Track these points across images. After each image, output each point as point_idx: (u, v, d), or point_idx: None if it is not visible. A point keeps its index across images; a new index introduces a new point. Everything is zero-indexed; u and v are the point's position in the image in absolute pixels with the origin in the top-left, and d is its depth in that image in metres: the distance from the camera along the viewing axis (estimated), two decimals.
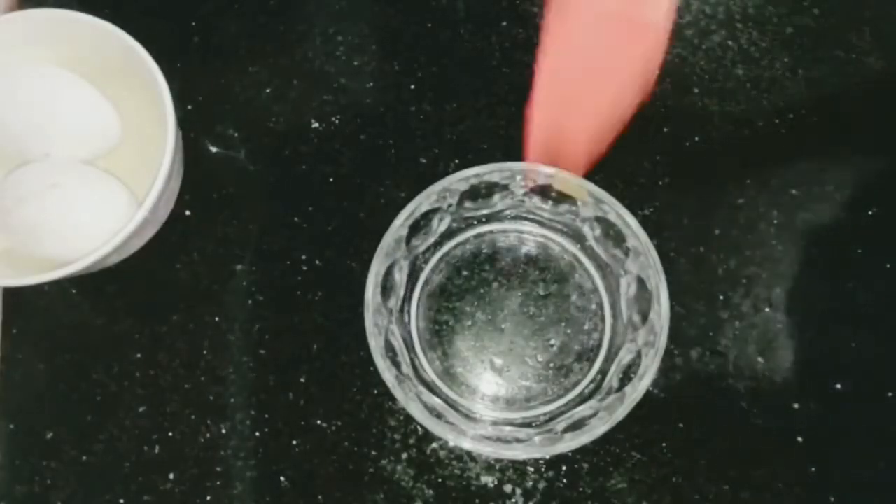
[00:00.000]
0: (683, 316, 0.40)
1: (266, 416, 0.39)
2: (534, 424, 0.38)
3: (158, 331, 0.40)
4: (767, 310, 0.40)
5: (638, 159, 0.41)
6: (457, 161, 0.41)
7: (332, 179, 0.42)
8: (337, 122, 0.42)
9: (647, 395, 0.35)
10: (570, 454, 0.38)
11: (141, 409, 0.39)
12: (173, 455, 0.39)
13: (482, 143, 0.42)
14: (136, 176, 0.39)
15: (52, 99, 0.38)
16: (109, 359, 0.40)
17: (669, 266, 0.36)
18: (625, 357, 0.38)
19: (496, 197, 0.39)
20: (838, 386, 0.39)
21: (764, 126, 0.42)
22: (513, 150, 0.38)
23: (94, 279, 0.38)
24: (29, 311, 0.41)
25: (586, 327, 0.39)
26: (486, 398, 0.39)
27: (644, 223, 0.36)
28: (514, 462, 0.39)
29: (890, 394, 0.40)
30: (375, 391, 0.39)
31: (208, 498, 0.39)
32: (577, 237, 0.40)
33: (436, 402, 0.38)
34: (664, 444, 0.39)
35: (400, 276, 0.39)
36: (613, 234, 0.38)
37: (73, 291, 0.41)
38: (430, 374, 0.39)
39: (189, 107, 0.42)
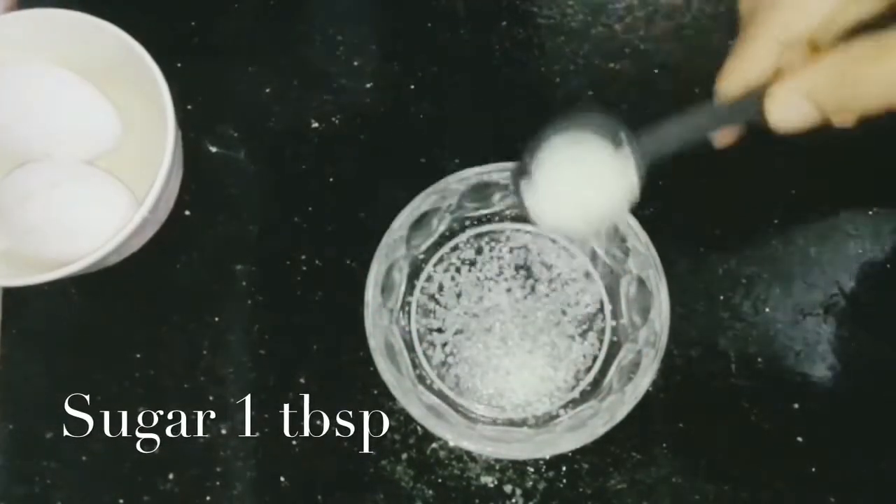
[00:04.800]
0: (683, 316, 0.40)
1: (266, 416, 0.39)
2: (534, 424, 0.38)
3: (158, 331, 0.40)
4: (767, 310, 0.40)
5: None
6: (457, 161, 0.41)
7: (332, 179, 0.42)
8: (337, 122, 0.42)
9: (647, 395, 0.35)
10: (570, 454, 0.38)
11: (141, 410, 0.39)
12: (173, 455, 0.39)
13: (482, 143, 0.42)
14: (136, 176, 0.39)
15: (52, 99, 0.38)
16: (109, 359, 0.40)
17: (669, 266, 0.36)
18: (625, 357, 0.38)
19: (496, 197, 0.39)
20: (838, 386, 0.39)
21: (763, 126, 0.42)
22: (513, 150, 0.38)
23: (94, 279, 0.38)
24: (29, 311, 0.41)
25: (586, 328, 0.39)
26: (485, 398, 0.39)
27: (644, 223, 0.37)
28: (514, 462, 0.39)
29: (890, 394, 0.40)
30: (375, 391, 0.39)
31: (208, 498, 0.39)
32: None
33: (436, 402, 0.38)
34: (664, 444, 0.39)
35: (400, 276, 0.39)
36: (613, 234, 0.38)
37: (73, 291, 0.41)
38: (430, 375, 0.39)
39: (189, 107, 0.42)
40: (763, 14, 0.29)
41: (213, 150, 0.42)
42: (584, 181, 0.30)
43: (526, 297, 0.40)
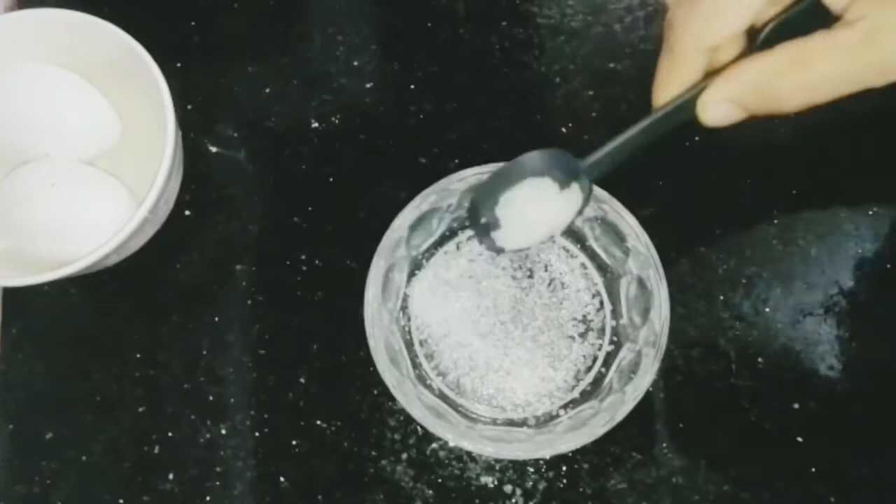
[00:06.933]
0: (683, 316, 0.40)
1: (266, 416, 0.39)
2: (534, 424, 0.38)
3: (158, 331, 0.40)
4: (767, 310, 0.40)
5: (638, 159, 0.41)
6: (457, 161, 0.41)
7: (332, 179, 0.42)
8: (337, 122, 0.42)
9: (647, 395, 0.35)
10: (570, 454, 0.38)
11: (141, 409, 0.39)
12: (173, 455, 0.39)
13: (482, 143, 0.42)
14: (136, 176, 0.39)
15: (52, 99, 0.38)
16: (109, 359, 0.40)
17: (669, 266, 0.36)
18: (625, 357, 0.38)
19: None
20: (838, 386, 0.39)
21: (763, 126, 0.42)
22: (513, 150, 0.38)
23: (94, 279, 0.38)
24: (29, 311, 0.41)
25: (586, 327, 0.39)
26: (485, 398, 0.39)
27: (644, 223, 0.37)
28: (514, 462, 0.39)
29: (890, 394, 0.40)
30: (375, 391, 0.39)
31: (208, 498, 0.39)
32: (577, 237, 0.40)
33: (436, 402, 0.38)
34: (664, 444, 0.39)
35: (400, 276, 0.39)
36: (613, 234, 0.38)
37: (73, 291, 0.41)
38: (430, 375, 0.39)
39: (189, 107, 0.42)
40: (681, 24, 0.29)
41: (213, 150, 0.42)
42: (540, 214, 0.34)
43: (526, 297, 0.40)
